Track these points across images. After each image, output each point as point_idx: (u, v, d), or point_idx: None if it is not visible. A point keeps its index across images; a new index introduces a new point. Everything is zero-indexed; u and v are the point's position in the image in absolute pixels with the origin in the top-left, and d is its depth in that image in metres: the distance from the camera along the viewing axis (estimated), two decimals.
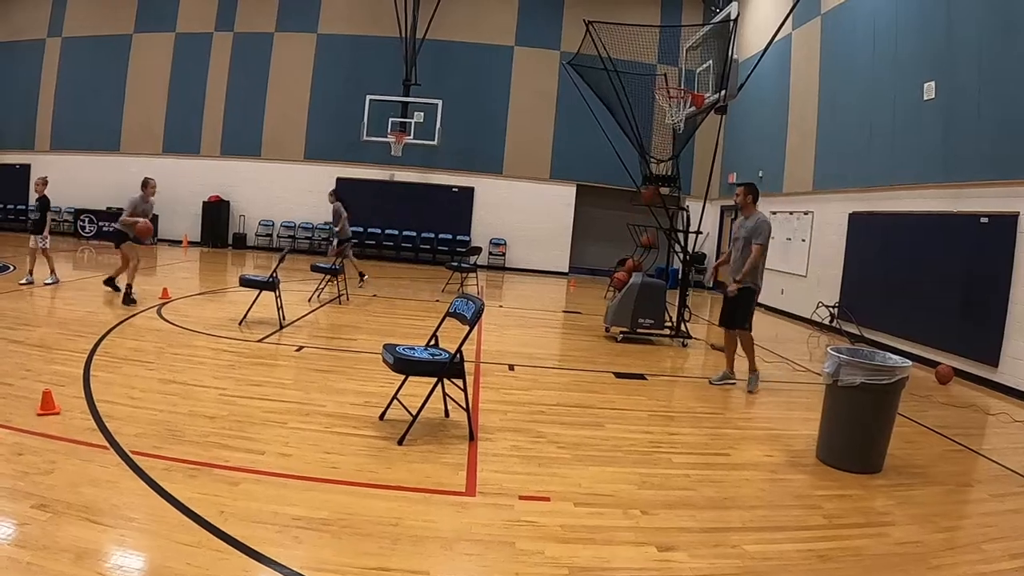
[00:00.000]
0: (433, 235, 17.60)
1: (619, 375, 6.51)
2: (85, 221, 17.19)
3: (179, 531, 2.82)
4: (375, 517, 3.13)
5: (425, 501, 3.37)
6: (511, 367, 6.54)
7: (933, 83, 8.75)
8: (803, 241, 12.18)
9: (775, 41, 9.72)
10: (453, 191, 17.72)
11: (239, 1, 17.58)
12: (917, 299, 8.77)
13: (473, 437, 4.30)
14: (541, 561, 2.87)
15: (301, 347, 6.65)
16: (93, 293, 8.85)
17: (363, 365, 6.07)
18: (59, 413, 4.07)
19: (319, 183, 17.51)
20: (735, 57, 8.42)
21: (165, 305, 8.27)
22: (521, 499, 3.47)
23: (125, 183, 17.45)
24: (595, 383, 6.22)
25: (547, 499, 3.50)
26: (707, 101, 9.02)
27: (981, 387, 7.41)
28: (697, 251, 15.53)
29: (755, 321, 6.46)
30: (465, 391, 4.30)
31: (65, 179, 17.30)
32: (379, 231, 17.53)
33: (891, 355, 4.47)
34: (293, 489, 3.37)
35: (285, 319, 7.64)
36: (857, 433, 4.28)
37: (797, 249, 12.36)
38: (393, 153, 15.27)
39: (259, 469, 3.55)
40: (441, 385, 4.35)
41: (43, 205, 8.99)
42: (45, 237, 9.01)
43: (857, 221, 10.48)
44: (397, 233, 17.60)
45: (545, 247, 17.71)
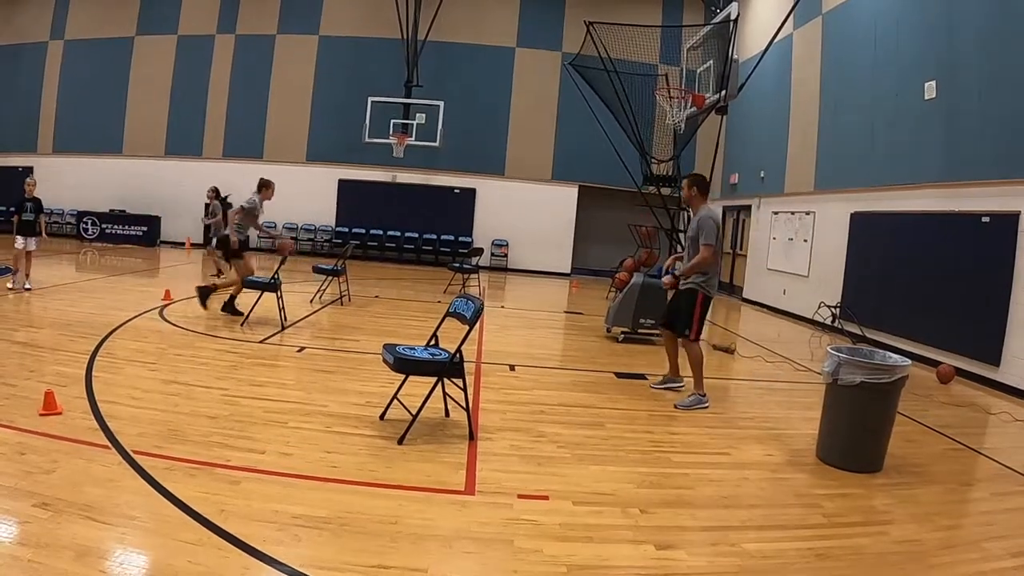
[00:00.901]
0: (435, 236, 17.63)
1: (620, 375, 6.51)
2: (88, 223, 17.24)
3: (180, 529, 2.84)
4: (375, 516, 3.14)
5: (425, 500, 3.38)
6: (512, 367, 6.55)
7: (934, 82, 8.75)
8: (805, 241, 12.16)
9: (776, 41, 9.73)
10: (455, 192, 17.74)
11: (241, 3, 17.65)
12: (918, 299, 8.76)
13: (473, 436, 4.31)
14: (539, 559, 2.88)
15: (302, 348, 6.67)
16: (94, 294, 8.89)
17: (364, 366, 6.08)
18: (61, 413, 4.09)
19: (321, 185, 17.63)
20: (735, 57, 8.44)
21: (167, 306, 8.30)
22: (520, 498, 3.48)
23: (128, 185, 17.64)
24: (596, 383, 6.23)
25: (546, 498, 3.51)
26: (708, 101, 9.04)
27: (983, 386, 7.40)
28: None
29: (756, 320, 6.43)
30: (465, 391, 4.31)
31: (68, 181, 17.43)
32: (381, 232, 17.58)
33: (891, 354, 4.47)
34: (294, 488, 3.39)
35: (287, 320, 7.66)
36: (857, 432, 4.28)
37: (799, 249, 12.35)
38: (395, 155, 15.31)
39: (260, 468, 3.57)
40: (441, 385, 4.35)
41: (39, 207, 8.76)
42: (41, 239, 8.77)
43: (858, 221, 10.47)
44: (399, 234, 17.64)
45: (547, 248, 17.72)
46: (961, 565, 3.10)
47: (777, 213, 13.39)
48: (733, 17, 8.56)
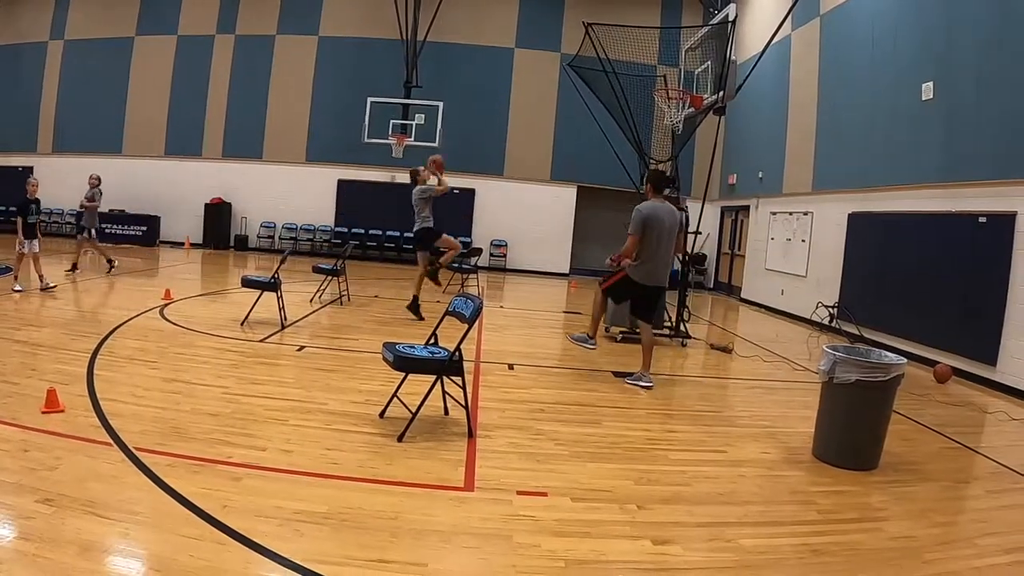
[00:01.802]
0: None
1: (618, 374, 6.54)
2: None
3: (182, 524, 2.87)
4: (375, 511, 3.17)
5: (424, 496, 3.41)
6: (511, 366, 6.58)
7: (931, 83, 8.79)
8: (803, 241, 12.21)
9: (774, 42, 9.77)
10: (454, 192, 17.74)
11: (240, 4, 17.67)
12: (916, 299, 8.80)
13: (472, 434, 4.34)
14: (538, 554, 2.91)
15: (302, 347, 6.70)
16: (94, 294, 8.91)
17: (364, 364, 6.11)
18: (63, 411, 4.11)
19: (321, 185, 17.65)
20: (734, 58, 8.47)
21: (168, 306, 8.32)
22: (519, 494, 3.51)
23: (127, 185, 17.64)
24: (594, 382, 6.26)
25: (545, 494, 3.54)
26: (706, 102, 9.08)
27: (980, 386, 7.44)
28: (697, 252, 15.57)
29: (754, 320, 6.51)
30: (464, 389, 4.34)
31: (68, 181, 17.42)
32: (380, 233, 17.60)
33: (886, 353, 4.51)
34: (295, 484, 3.42)
35: (287, 319, 7.69)
36: (853, 430, 4.32)
37: (797, 250, 12.39)
38: (394, 155, 15.32)
39: (261, 465, 3.60)
40: (440, 383, 4.39)
41: (39, 208, 8.70)
42: (39, 240, 8.67)
43: (856, 221, 10.51)
44: (399, 235, 17.65)
45: (546, 248, 17.75)
46: (955, 561, 3.13)
47: (775, 213, 13.43)
48: (731, 18, 8.59)
